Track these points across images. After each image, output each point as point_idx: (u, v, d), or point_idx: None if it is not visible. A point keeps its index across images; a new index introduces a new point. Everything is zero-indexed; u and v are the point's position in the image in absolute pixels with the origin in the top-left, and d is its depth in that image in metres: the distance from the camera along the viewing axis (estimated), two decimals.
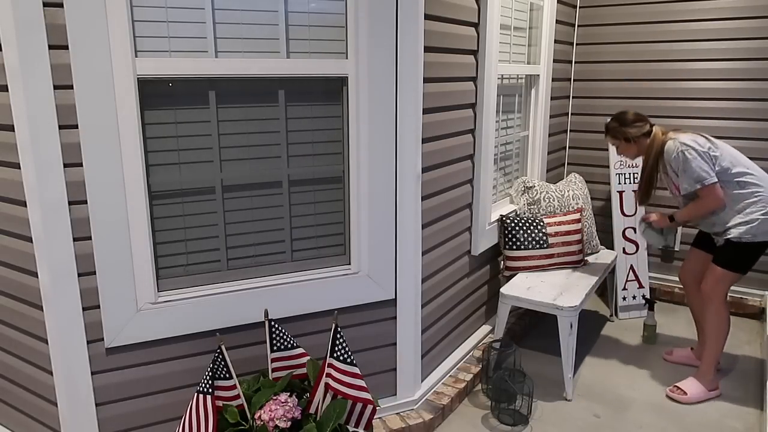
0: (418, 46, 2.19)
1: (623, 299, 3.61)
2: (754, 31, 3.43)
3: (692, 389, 2.74)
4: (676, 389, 2.77)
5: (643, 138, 2.73)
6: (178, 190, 2.01)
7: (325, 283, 2.23)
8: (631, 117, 2.75)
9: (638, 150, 2.77)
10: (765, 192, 2.53)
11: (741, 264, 2.61)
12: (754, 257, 2.59)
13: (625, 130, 2.74)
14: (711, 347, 2.72)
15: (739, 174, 2.54)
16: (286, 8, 2.01)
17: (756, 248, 2.57)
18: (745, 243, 2.55)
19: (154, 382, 2.04)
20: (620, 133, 2.77)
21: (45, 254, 1.79)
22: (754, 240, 2.53)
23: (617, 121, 2.79)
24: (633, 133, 2.73)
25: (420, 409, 2.53)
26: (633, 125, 2.73)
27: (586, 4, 3.92)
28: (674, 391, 2.77)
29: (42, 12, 1.65)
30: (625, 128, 2.74)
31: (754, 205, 2.52)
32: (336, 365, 1.81)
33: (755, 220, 2.51)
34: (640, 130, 2.72)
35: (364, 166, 2.20)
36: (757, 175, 2.56)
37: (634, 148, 2.77)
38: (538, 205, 3.27)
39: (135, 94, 1.80)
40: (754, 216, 2.51)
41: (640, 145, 2.74)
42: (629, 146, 2.77)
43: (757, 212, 2.51)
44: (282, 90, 2.09)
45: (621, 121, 2.77)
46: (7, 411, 2.19)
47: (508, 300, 2.90)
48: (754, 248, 2.57)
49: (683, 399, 2.73)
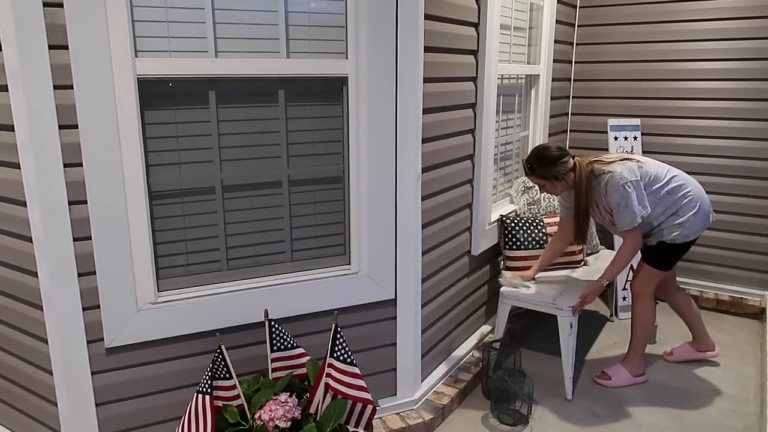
0: (418, 46, 2.19)
1: (623, 299, 3.61)
2: (754, 31, 3.43)
3: (616, 376, 2.89)
4: (602, 374, 2.92)
5: (570, 173, 2.59)
6: (178, 190, 2.01)
7: (325, 283, 2.23)
8: (554, 154, 2.58)
9: (565, 186, 2.64)
10: (692, 191, 2.63)
11: (671, 262, 2.75)
12: (682, 254, 2.73)
13: (552, 170, 2.58)
14: (638, 338, 2.86)
15: (669, 181, 2.62)
16: (286, 8, 2.01)
17: (685, 246, 2.69)
18: (679, 243, 2.66)
19: (154, 382, 2.04)
20: (548, 173, 2.59)
21: (45, 254, 1.79)
22: (686, 240, 2.64)
23: (539, 160, 2.60)
24: (560, 171, 2.57)
25: (420, 409, 2.53)
26: (559, 163, 2.57)
27: (586, 4, 3.92)
28: (600, 376, 2.92)
29: (42, 12, 1.65)
30: (551, 167, 2.57)
31: (686, 206, 2.61)
32: (336, 365, 1.81)
33: (687, 220, 2.61)
34: (566, 166, 2.57)
35: (364, 166, 2.20)
36: (682, 176, 2.66)
37: (560, 185, 2.63)
38: (538, 205, 3.27)
39: (135, 94, 1.80)
40: (687, 216, 2.60)
41: (568, 179, 2.60)
42: (557, 184, 2.62)
43: (689, 212, 2.61)
44: (282, 90, 2.09)
45: (544, 160, 2.59)
46: (7, 411, 2.19)
47: (508, 300, 2.90)
48: (684, 247, 2.69)
49: (607, 384, 2.88)
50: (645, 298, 2.79)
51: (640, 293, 2.79)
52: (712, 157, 3.64)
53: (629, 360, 2.90)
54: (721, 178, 3.62)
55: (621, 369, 2.90)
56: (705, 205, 2.65)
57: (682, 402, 2.74)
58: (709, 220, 2.68)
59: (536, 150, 2.66)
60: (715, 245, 3.73)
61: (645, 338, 2.87)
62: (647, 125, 3.78)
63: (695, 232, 2.64)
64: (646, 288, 2.78)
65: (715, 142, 3.63)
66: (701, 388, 2.85)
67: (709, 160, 3.64)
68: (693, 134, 3.69)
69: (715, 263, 3.76)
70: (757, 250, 3.63)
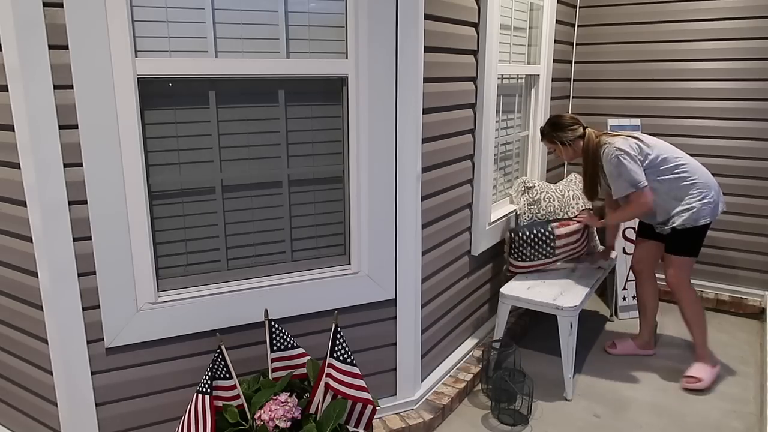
0: (418, 46, 2.19)
1: (623, 299, 3.61)
2: (754, 31, 3.43)
3: (702, 373, 2.85)
4: (690, 378, 2.85)
5: (578, 140, 2.83)
6: (178, 190, 2.01)
7: (325, 283, 2.23)
8: (566, 121, 2.85)
9: (574, 153, 2.87)
10: (699, 179, 2.71)
11: (692, 247, 2.80)
12: (700, 238, 2.78)
13: (560, 135, 2.84)
14: (697, 333, 2.87)
15: (675, 166, 2.71)
16: (286, 8, 2.01)
17: (700, 230, 2.75)
18: (689, 228, 2.73)
19: (154, 382, 2.04)
20: (556, 138, 2.86)
21: (45, 254, 1.79)
22: (696, 224, 2.72)
23: (552, 126, 2.88)
24: (568, 137, 2.83)
25: (420, 409, 2.53)
26: (568, 129, 2.83)
27: (586, 4, 3.92)
28: (690, 381, 2.85)
29: (42, 12, 1.65)
30: (560, 133, 2.84)
31: (691, 192, 2.70)
32: (336, 365, 1.81)
33: (693, 207, 2.70)
34: (574, 134, 2.83)
35: (364, 166, 2.20)
36: (690, 164, 2.73)
37: (570, 151, 2.87)
38: (538, 205, 3.27)
39: (135, 94, 1.80)
40: (693, 204, 2.70)
41: (576, 146, 2.85)
42: (565, 149, 2.87)
43: (694, 199, 2.70)
44: (282, 90, 2.09)
45: (556, 126, 2.86)
46: (7, 411, 2.19)
47: (508, 300, 2.90)
48: (698, 231, 2.75)
49: (700, 386, 2.82)
50: (683, 288, 2.83)
51: (677, 286, 2.84)
52: (711, 157, 3.64)
53: (701, 356, 2.89)
54: (721, 177, 3.62)
55: (701, 366, 2.87)
56: (714, 195, 2.72)
57: (682, 402, 2.74)
58: (719, 210, 2.75)
59: (551, 117, 2.94)
60: (714, 245, 3.73)
61: (703, 327, 2.87)
62: (647, 125, 3.77)
63: (705, 217, 2.70)
64: (679, 278, 2.82)
65: (715, 142, 3.63)
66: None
67: (709, 160, 3.63)
68: (693, 134, 3.69)
69: (715, 263, 3.76)
70: (757, 250, 3.63)
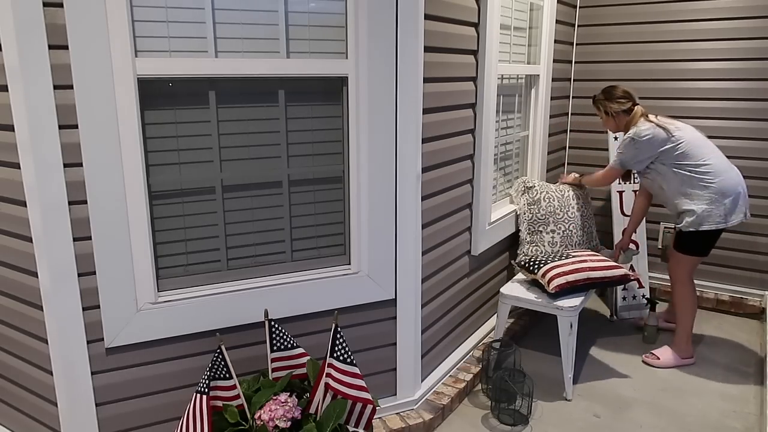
0: (418, 46, 2.19)
1: (623, 299, 3.61)
2: (754, 31, 3.43)
3: (664, 355, 3.02)
4: (650, 355, 3.05)
5: (623, 114, 2.91)
6: (178, 190, 2.01)
7: (325, 283, 2.23)
8: (617, 93, 2.92)
9: (617, 125, 2.96)
10: (717, 183, 2.70)
11: (693, 248, 2.85)
12: (706, 242, 2.81)
13: (607, 104, 2.94)
14: (681, 322, 2.98)
15: (696, 165, 2.73)
16: (286, 8, 2.01)
17: (702, 234, 2.78)
18: (693, 231, 2.78)
19: (154, 382, 2.04)
20: (602, 105, 2.98)
21: (45, 254, 1.79)
22: (699, 229, 2.75)
23: (603, 93, 2.99)
24: (613, 108, 2.92)
25: (420, 409, 2.53)
26: (616, 100, 2.91)
27: (586, 4, 3.92)
28: (648, 357, 3.05)
29: (42, 12, 1.65)
30: (608, 102, 2.94)
31: (702, 195, 2.72)
32: (336, 365, 1.81)
33: (697, 210, 2.73)
34: (621, 106, 2.90)
35: (364, 166, 2.20)
36: (715, 170, 2.72)
37: (612, 122, 2.97)
38: (538, 205, 3.27)
39: (135, 94, 1.80)
40: (698, 206, 2.73)
41: (619, 120, 2.93)
42: (608, 119, 2.97)
43: (702, 203, 2.73)
44: (282, 90, 2.09)
45: (606, 94, 2.97)
46: (7, 411, 2.19)
47: (508, 300, 2.90)
48: (702, 235, 2.78)
49: (656, 363, 3.02)
50: (680, 282, 2.93)
51: (674, 279, 2.96)
52: None
53: (676, 342, 3.02)
54: None
55: (668, 350, 3.03)
56: (728, 203, 2.71)
57: (682, 402, 2.74)
58: (732, 219, 2.73)
59: (606, 86, 3.03)
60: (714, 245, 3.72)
61: (689, 322, 2.96)
62: None
63: (708, 223, 2.71)
64: (678, 273, 2.92)
65: (715, 142, 3.59)
66: (701, 388, 2.85)
67: None
68: None
69: (715, 263, 3.76)
70: (757, 250, 3.63)
